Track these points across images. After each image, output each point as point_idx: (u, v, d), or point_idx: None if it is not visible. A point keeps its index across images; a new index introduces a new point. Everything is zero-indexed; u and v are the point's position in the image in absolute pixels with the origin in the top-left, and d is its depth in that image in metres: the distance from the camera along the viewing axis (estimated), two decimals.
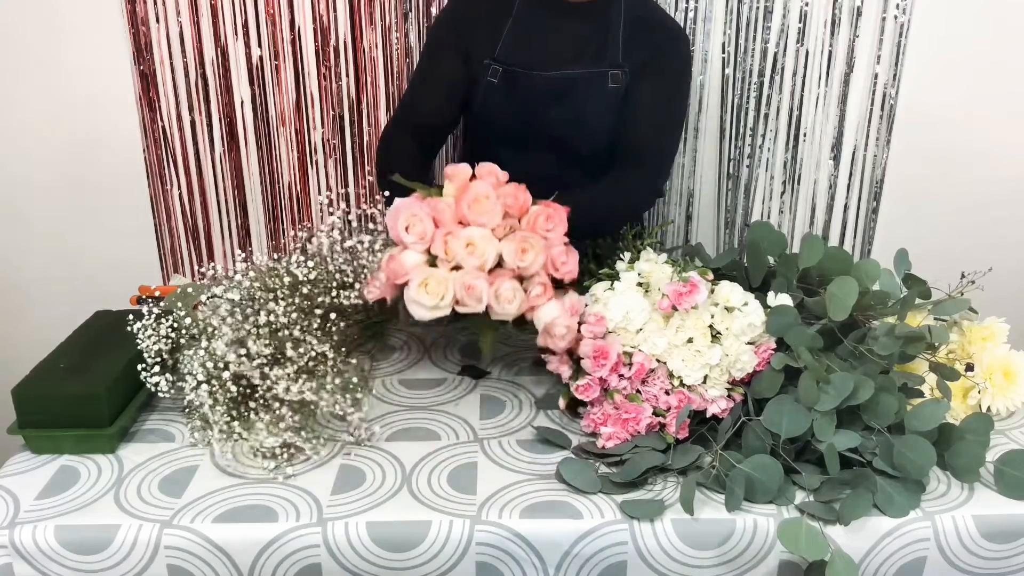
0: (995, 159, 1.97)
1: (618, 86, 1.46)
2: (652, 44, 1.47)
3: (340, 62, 1.85)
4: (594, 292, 1.18)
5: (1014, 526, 1.01)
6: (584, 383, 1.12)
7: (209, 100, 1.87)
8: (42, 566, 0.98)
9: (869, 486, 1.00)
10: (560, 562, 0.99)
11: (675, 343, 1.11)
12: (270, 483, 1.05)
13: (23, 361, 1.22)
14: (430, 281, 1.09)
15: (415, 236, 1.11)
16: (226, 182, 1.95)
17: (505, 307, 1.10)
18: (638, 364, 1.10)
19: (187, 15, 1.80)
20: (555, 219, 1.15)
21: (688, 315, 1.12)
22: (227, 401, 1.10)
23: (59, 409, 1.10)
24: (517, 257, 1.10)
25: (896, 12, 1.82)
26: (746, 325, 1.11)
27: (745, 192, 1.97)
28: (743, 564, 1.00)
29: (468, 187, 1.13)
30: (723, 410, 1.12)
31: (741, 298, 1.14)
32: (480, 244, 1.09)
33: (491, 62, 1.46)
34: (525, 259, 1.10)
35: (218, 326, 1.11)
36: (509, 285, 1.10)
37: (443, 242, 1.10)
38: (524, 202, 1.16)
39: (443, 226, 1.11)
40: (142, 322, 1.17)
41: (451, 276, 1.09)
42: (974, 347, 1.18)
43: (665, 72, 1.48)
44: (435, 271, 1.10)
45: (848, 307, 1.09)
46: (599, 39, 1.47)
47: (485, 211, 1.11)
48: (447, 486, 1.05)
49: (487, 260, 1.09)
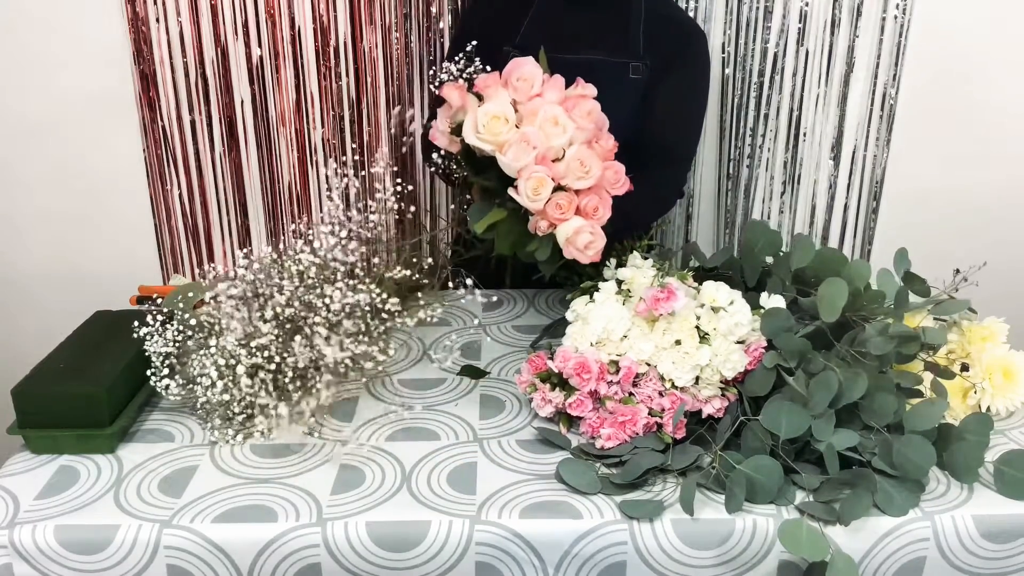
0: (995, 159, 1.97)
1: (639, 78, 1.49)
2: (673, 41, 1.50)
3: (340, 62, 1.85)
4: (574, 308, 1.19)
5: (1014, 526, 1.01)
6: (575, 400, 1.12)
7: (209, 100, 1.87)
8: (42, 566, 0.98)
9: (869, 486, 1.00)
10: (560, 562, 0.99)
11: (663, 346, 1.11)
12: (270, 483, 1.05)
13: (23, 361, 1.22)
14: (491, 120, 1.12)
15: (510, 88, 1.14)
16: (226, 182, 1.95)
17: (530, 199, 1.12)
18: (625, 368, 1.11)
19: (187, 15, 1.80)
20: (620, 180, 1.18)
21: (673, 318, 1.12)
22: (243, 396, 1.11)
23: (59, 409, 1.10)
24: (577, 168, 1.12)
25: (896, 12, 1.82)
26: (733, 325, 1.11)
27: (745, 192, 1.97)
28: (743, 564, 1.00)
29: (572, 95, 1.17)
30: (718, 410, 1.12)
31: (727, 297, 1.14)
32: (563, 125, 1.11)
33: (511, 48, 1.50)
34: (581, 173, 1.12)
35: (226, 323, 1.11)
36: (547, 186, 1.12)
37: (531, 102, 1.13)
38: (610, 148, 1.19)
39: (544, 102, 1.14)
40: (148, 328, 1.17)
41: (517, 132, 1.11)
42: (973, 347, 1.18)
43: (687, 69, 1.51)
44: (506, 112, 1.12)
45: (838, 308, 1.08)
46: (619, 29, 1.50)
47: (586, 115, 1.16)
48: (447, 486, 1.05)
49: (558, 143, 1.11)
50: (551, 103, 1.14)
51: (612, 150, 1.20)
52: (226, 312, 1.10)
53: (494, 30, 1.54)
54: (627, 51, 1.49)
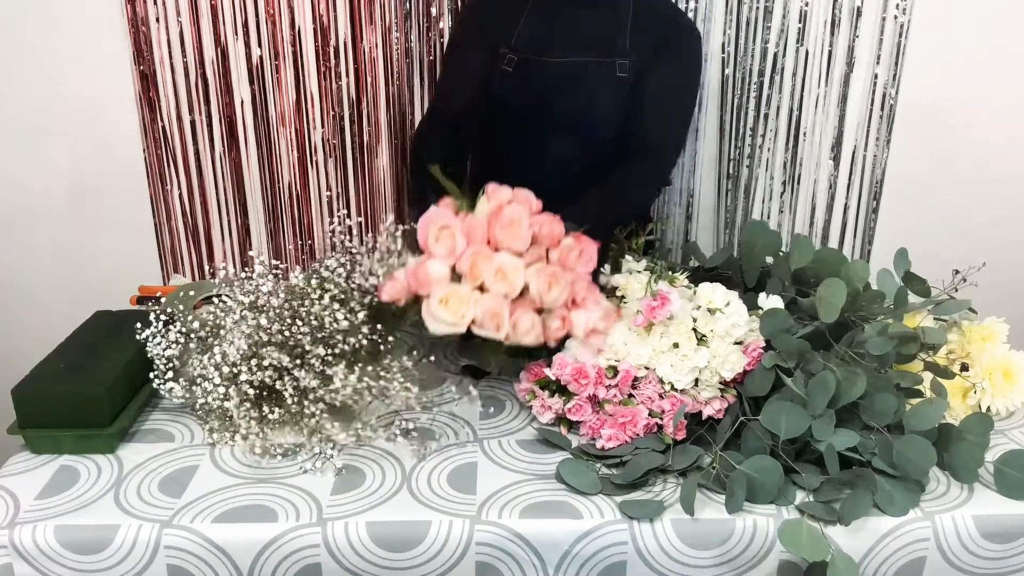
0: (995, 159, 1.97)
1: (626, 75, 1.49)
2: (660, 36, 1.50)
3: (340, 62, 1.85)
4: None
5: (1014, 526, 1.01)
6: (574, 404, 1.12)
7: (209, 100, 1.87)
8: (42, 566, 0.98)
9: (869, 486, 1.00)
10: (560, 562, 0.99)
11: (660, 349, 1.11)
12: (270, 483, 1.05)
13: (23, 361, 1.22)
14: (452, 298, 1.06)
15: (444, 249, 1.08)
16: (226, 182, 1.95)
17: (521, 338, 1.08)
18: (623, 372, 1.11)
19: (187, 15, 1.80)
20: (587, 255, 1.13)
21: (670, 321, 1.12)
22: (248, 400, 1.11)
23: (59, 409, 1.10)
24: (544, 291, 1.07)
25: (896, 12, 1.82)
26: (730, 326, 1.11)
27: (745, 192, 1.97)
28: (743, 564, 1.00)
29: (503, 209, 1.10)
30: (718, 411, 1.12)
31: (723, 299, 1.14)
32: (511, 274, 1.06)
33: (507, 51, 1.52)
34: (551, 294, 1.08)
35: (231, 328, 1.11)
36: (529, 319, 1.08)
37: (472, 262, 1.07)
38: (557, 233, 1.12)
39: (473, 244, 1.09)
40: (150, 329, 1.17)
41: (474, 297, 1.07)
42: (973, 347, 1.18)
43: (672, 64, 1.51)
44: (459, 288, 1.07)
45: (837, 309, 1.08)
46: (610, 30, 1.50)
47: (517, 236, 1.08)
48: (447, 486, 1.05)
49: (514, 290, 1.07)
50: (484, 256, 1.08)
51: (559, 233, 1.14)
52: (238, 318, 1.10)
53: (491, 32, 1.54)
54: (615, 51, 1.50)
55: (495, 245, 1.09)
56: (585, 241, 1.13)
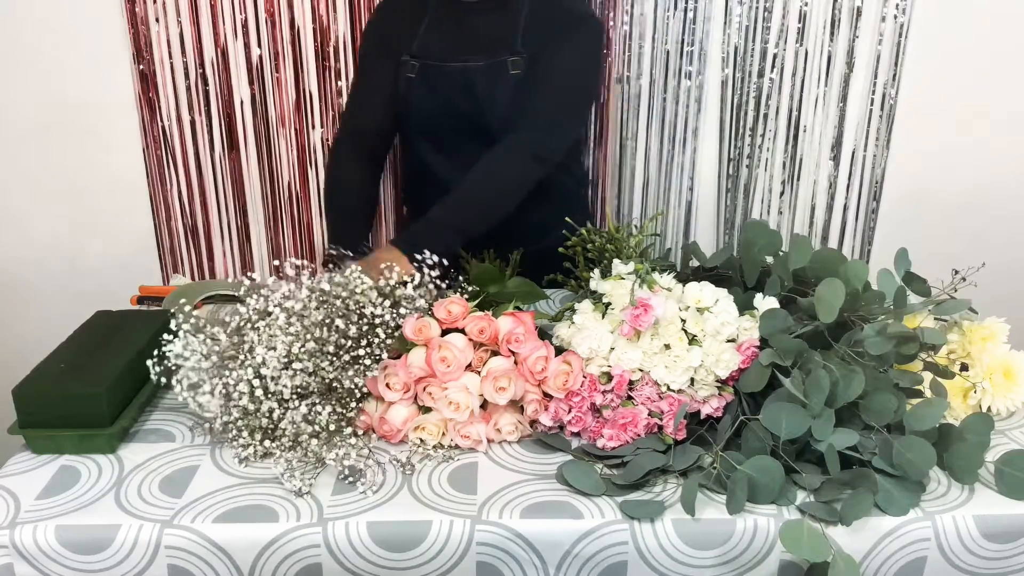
0: (995, 158, 1.98)
1: (518, 72, 1.52)
2: (555, 26, 1.52)
3: (340, 62, 1.85)
4: (559, 334, 1.19)
5: (1014, 526, 1.01)
6: (573, 417, 1.12)
7: (209, 100, 1.87)
8: (42, 566, 0.98)
9: (870, 486, 1.00)
10: (561, 562, 0.99)
11: (652, 351, 1.11)
12: (270, 483, 1.05)
13: (23, 361, 1.22)
14: (426, 426, 1.12)
15: (399, 390, 1.13)
16: (226, 182, 1.95)
17: (508, 437, 1.13)
18: (617, 377, 1.11)
19: (187, 15, 1.80)
20: (525, 331, 1.15)
21: (658, 324, 1.12)
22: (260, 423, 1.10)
23: (59, 409, 1.10)
24: (498, 396, 1.11)
25: (896, 12, 1.83)
26: (719, 324, 1.11)
27: (744, 192, 1.97)
28: (744, 565, 1.00)
29: (433, 342, 1.13)
30: (716, 409, 1.12)
31: (712, 297, 1.14)
32: (462, 400, 1.10)
33: (408, 58, 1.56)
34: (505, 395, 1.11)
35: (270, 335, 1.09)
36: (508, 419, 1.13)
37: (427, 395, 1.12)
38: (493, 330, 1.15)
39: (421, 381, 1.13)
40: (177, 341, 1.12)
41: (445, 419, 1.11)
42: (974, 347, 1.18)
43: (566, 49, 1.52)
44: (428, 417, 1.12)
45: (835, 309, 1.08)
46: (505, 30, 1.53)
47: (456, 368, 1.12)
48: (447, 486, 1.05)
49: (473, 410, 1.11)
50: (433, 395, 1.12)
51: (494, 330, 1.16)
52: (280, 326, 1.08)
53: (394, 39, 1.57)
54: (507, 49, 1.52)
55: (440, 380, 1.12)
56: (517, 316, 1.17)
